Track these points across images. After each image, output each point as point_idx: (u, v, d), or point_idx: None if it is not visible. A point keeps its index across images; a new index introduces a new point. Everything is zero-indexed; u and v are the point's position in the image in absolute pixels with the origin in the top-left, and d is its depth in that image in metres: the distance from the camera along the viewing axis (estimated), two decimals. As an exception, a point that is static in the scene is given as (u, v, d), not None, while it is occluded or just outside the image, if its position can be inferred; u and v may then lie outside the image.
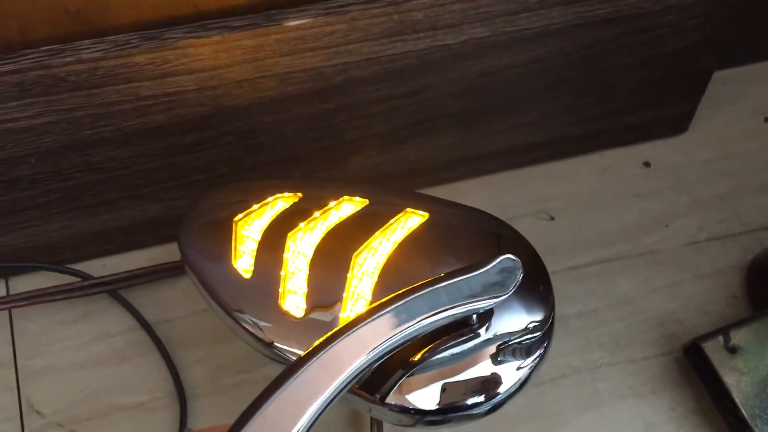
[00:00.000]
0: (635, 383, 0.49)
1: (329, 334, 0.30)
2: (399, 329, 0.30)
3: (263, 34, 0.40)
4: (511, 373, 0.35)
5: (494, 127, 0.52)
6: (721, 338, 0.47)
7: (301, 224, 0.37)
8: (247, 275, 0.36)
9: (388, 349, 0.30)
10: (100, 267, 0.51)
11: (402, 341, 0.31)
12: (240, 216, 0.37)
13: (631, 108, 0.55)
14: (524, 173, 0.57)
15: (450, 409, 0.35)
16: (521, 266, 0.33)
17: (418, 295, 0.31)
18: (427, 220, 0.38)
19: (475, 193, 0.56)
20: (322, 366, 0.29)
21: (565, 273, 0.53)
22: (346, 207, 0.38)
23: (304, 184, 0.39)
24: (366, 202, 0.39)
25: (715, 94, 0.59)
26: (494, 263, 0.33)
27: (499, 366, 0.35)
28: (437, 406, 0.35)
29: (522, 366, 0.36)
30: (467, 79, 0.47)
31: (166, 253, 0.51)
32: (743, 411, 0.45)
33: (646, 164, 0.58)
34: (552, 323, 0.37)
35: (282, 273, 0.36)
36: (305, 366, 0.28)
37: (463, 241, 0.38)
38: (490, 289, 0.32)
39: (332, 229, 0.37)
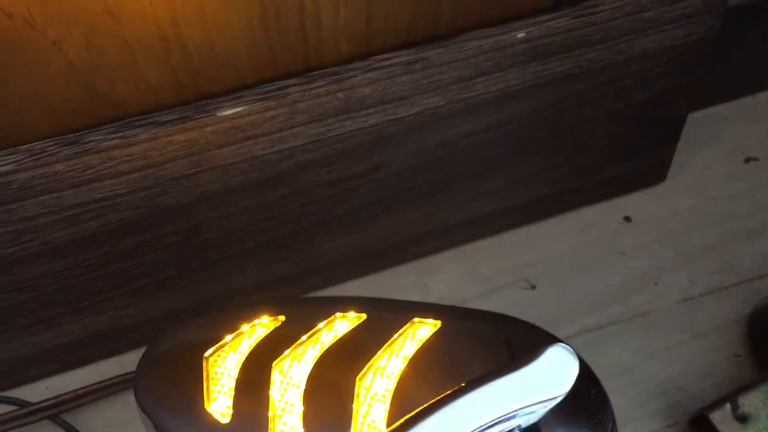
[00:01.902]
0: (642, 464, 0.45)
1: None
2: None
3: (196, 127, 0.37)
4: None
5: (462, 196, 0.49)
6: (728, 406, 0.44)
7: (287, 351, 0.32)
8: (225, 419, 0.30)
9: None
10: (43, 389, 0.46)
11: None
12: (211, 350, 0.32)
13: (605, 162, 0.52)
14: (500, 240, 0.53)
15: None
16: (576, 355, 0.27)
17: (461, 399, 0.26)
18: (440, 328, 0.33)
19: (450, 266, 0.52)
20: None
21: (554, 346, 0.49)
22: (340, 325, 0.33)
23: (286, 306, 0.34)
24: (363, 316, 0.33)
25: (691, 138, 0.56)
26: (543, 355, 0.27)
27: None
28: None
29: None
30: (426, 150, 0.44)
31: (115, 366, 0.47)
32: (763, 488, 0.41)
33: (627, 219, 0.55)
34: None
35: (270, 413, 0.30)
36: None
37: (485, 347, 0.33)
38: (542, 389, 0.27)
39: (327, 350, 0.32)
